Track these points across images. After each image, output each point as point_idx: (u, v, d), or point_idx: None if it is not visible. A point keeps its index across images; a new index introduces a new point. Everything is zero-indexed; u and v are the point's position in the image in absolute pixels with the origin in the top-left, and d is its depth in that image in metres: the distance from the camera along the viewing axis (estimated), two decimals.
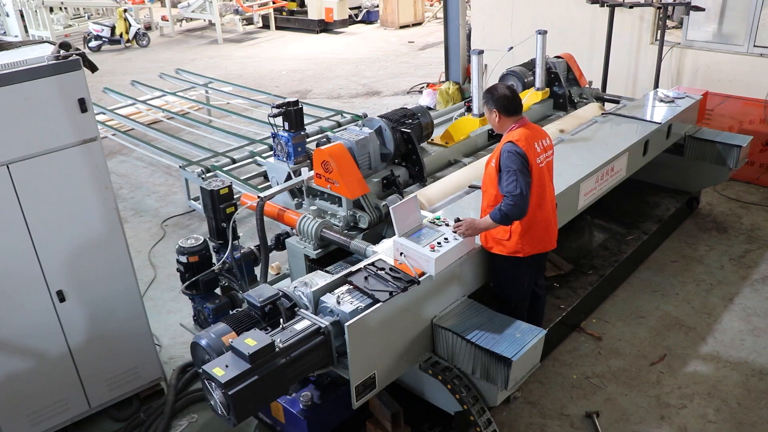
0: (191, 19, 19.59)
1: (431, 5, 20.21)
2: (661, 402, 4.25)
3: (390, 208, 3.46)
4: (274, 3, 18.90)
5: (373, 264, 3.42)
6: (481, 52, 4.93)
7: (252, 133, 8.24)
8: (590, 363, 4.62)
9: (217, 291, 4.40)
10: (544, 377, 4.47)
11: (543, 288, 4.24)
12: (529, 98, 5.75)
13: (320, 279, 3.49)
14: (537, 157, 3.60)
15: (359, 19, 19.25)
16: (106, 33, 16.46)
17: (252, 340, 2.92)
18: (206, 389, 2.96)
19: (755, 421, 4.07)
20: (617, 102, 6.43)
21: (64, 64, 3.43)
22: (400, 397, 3.80)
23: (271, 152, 4.88)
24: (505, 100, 3.63)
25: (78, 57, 3.48)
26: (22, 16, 16.71)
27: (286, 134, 4.51)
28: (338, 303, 3.17)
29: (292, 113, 4.48)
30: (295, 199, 4.57)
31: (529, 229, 3.65)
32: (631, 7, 7.77)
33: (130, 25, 16.72)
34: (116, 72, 13.95)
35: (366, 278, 3.29)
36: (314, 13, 17.94)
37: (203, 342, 3.18)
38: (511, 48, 5.93)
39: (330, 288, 3.33)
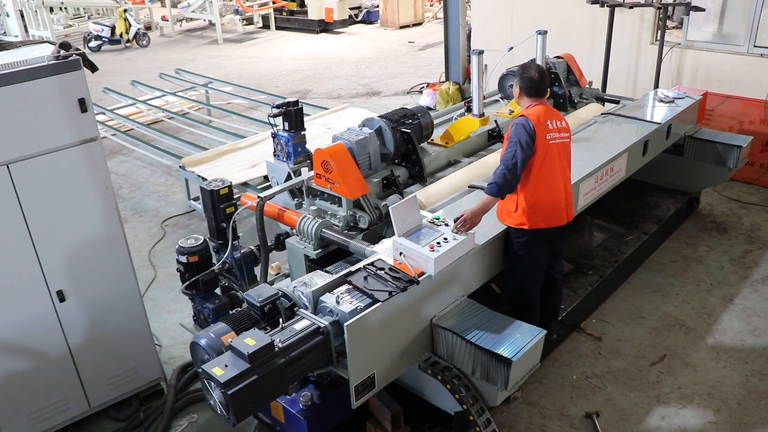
0: (191, 19, 19.59)
1: (431, 5, 20.21)
2: (661, 402, 4.25)
3: (389, 208, 3.47)
4: (274, 3, 18.90)
5: (372, 264, 3.42)
6: (481, 53, 4.93)
7: (252, 133, 8.22)
8: (590, 363, 4.62)
9: (217, 291, 4.40)
10: (544, 377, 4.47)
11: (559, 272, 4.26)
12: None
13: (320, 279, 3.49)
14: (548, 133, 3.70)
15: (359, 19, 19.24)
16: (106, 33, 16.45)
17: (251, 340, 2.92)
18: (206, 389, 2.96)
19: (755, 422, 4.07)
20: (617, 102, 6.43)
21: (64, 64, 3.43)
22: (400, 398, 3.80)
23: (271, 152, 4.88)
24: (530, 82, 3.79)
25: (78, 57, 3.47)
26: (22, 16, 16.70)
27: (286, 134, 4.51)
28: (338, 303, 3.17)
29: (292, 113, 4.47)
30: (295, 199, 4.57)
31: (533, 204, 3.73)
32: (631, 7, 7.77)
33: (130, 25, 16.72)
34: (116, 72, 13.95)
35: (365, 278, 3.29)
36: (314, 13, 17.94)
37: (203, 342, 3.19)
38: (512, 48, 5.93)
39: (329, 288, 3.33)
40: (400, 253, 3.43)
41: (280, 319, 3.22)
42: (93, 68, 3.67)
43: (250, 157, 6.48)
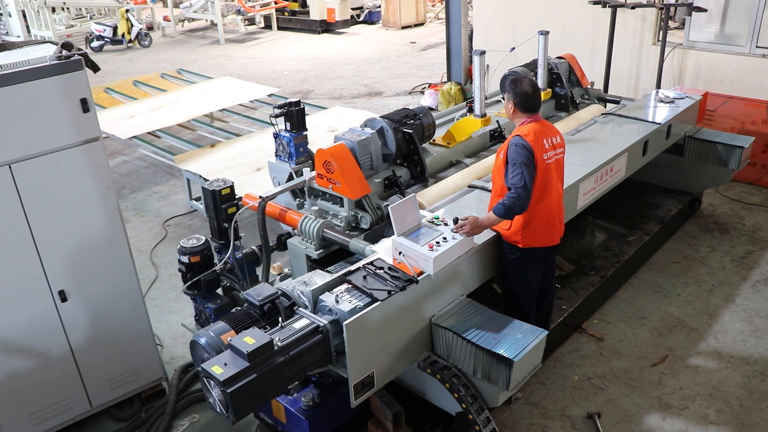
0: (193, 20, 19.60)
1: (433, 6, 20.21)
2: (662, 403, 4.25)
3: (389, 207, 3.47)
4: (276, 3, 18.92)
5: (371, 263, 3.42)
6: (483, 53, 4.93)
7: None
8: (592, 364, 4.61)
9: (219, 291, 4.40)
10: (546, 378, 4.46)
11: (551, 284, 4.26)
12: None
13: (319, 278, 3.49)
14: (544, 153, 3.65)
15: (361, 19, 19.24)
16: (108, 33, 16.48)
17: (251, 339, 2.92)
18: (205, 387, 2.97)
19: (757, 423, 4.06)
20: (618, 103, 6.42)
21: (67, 64, 3.43)
22: (402, 398, 3.80)
23: (273, 152, 4.88)
24: (524, 97, 3.69)
25: (80, 57, 3.48)
26: (25, 16, 16.72)
27: (287, 134, 4.52)
28: (337, 302, 3.17)
29: (294, 113, 4.48)
30: (297, 200, 4.58)
31: (528, 223, 3.69)
32: (633, 7, 7.76)
33: (132, 26, 16.74)
34: (118, 72, 13.96)
35: (365, 277, 3.30)
36: (316, 13, 17.95)
37: (202, 340, 3.19)
38: (513, 49, 5.94)
39: (329, 287, 3.33)
40: (400, 253, 3.43)
41: (280, 318, 3.22)
42: (95, 68, 3.67)
43: (245, 153, 6.71)
